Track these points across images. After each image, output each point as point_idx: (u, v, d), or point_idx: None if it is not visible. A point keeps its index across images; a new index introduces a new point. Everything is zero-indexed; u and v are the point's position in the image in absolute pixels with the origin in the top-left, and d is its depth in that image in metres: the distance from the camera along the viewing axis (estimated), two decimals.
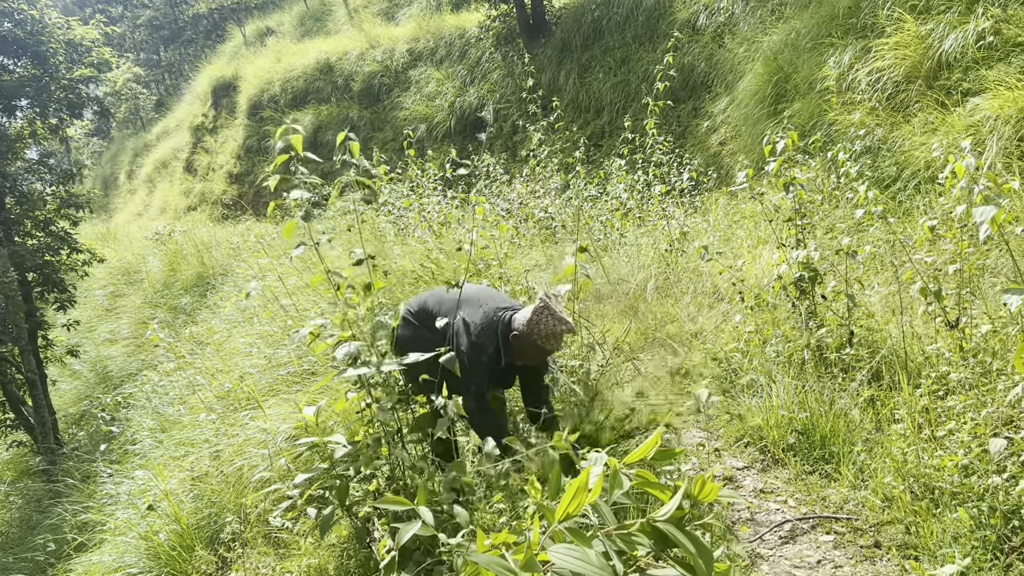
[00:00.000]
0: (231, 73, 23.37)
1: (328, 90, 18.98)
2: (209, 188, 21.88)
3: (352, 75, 18.70)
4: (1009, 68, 6.50)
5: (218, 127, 23.24)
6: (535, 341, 3.61)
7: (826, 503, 3.49)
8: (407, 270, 6.43)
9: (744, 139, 9.73)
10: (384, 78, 18.00)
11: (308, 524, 3.82)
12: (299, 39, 23.76)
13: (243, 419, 5.13)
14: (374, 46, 18.90)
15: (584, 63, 13.94)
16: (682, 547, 1.99)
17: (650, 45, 12.93)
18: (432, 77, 16.71)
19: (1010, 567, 2.67)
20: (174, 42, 35.94)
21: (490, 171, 11.15)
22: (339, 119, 17.84)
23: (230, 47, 27.33)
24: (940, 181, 4.24)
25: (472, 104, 15.32)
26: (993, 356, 3.62)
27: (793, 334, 4.78)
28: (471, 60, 16.35)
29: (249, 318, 7.59)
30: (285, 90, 20.09)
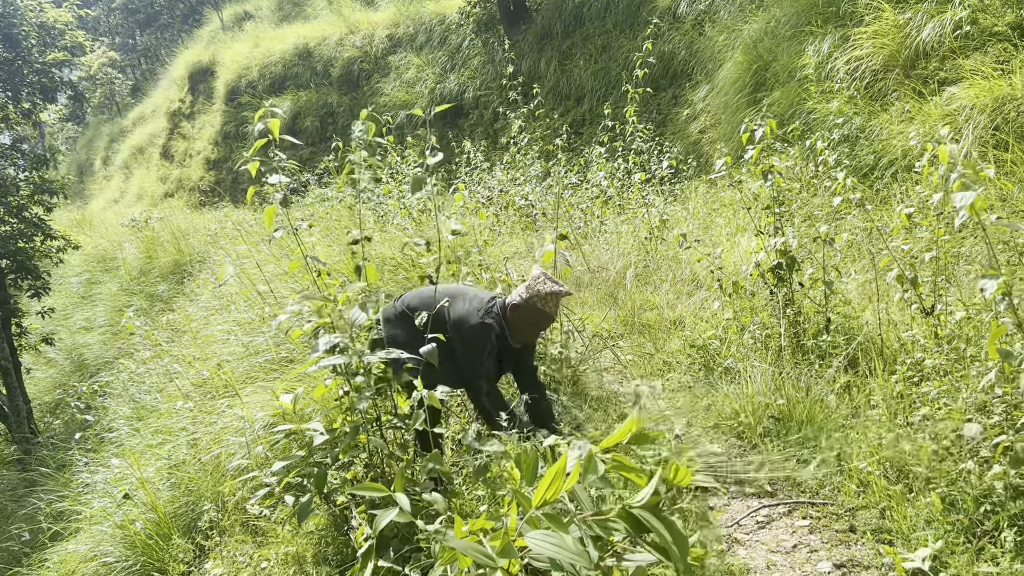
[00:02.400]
0: (208, 58, 23.10)
1: (307, 76, 18.81)
2: (186, 174, 21.65)
3: (331, 61, 18.54)
4: (985, 57, 6.55)
5: (195, 113, 22.98)
6: (535, 304, 3.69)
7: (802, 488, 3.52)
8: (387, 257, 6.39)
9: (724, 127, 9.76)
10: (363, 64, 17.86)
11: (286, 512, 3.80)
12: (277, 24, 23.51)
13: (220, 407, 5.09)
14: (353, 31, 18.75)
15: (565, 50, 13.90)
16: (658, 533, 2.00)
17: (631, 32, 12.91)
18: (412, 63, 16.60)
19: (982, 550, 2.70)
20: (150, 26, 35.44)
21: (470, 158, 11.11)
22: (318, 105, 17.69)
23: (207, 31, 26.99)
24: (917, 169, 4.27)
25: (453, 91, 15.25)
26: (967, 343, 3.65)
27: (771, 321, 4.81)
28: (451, 46, 16.26)
29: (227, 305, 7.53)
30: (263, 75, 19.89)
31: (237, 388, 4.95)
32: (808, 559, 2.99)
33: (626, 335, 5.86)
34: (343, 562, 3.34)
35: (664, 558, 2.03)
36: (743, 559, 3.02)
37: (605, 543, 2.15)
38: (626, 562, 2.17)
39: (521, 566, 2.04)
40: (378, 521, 2.34)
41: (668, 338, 5.54)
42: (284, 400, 3.29)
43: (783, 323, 4.63)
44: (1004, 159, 5.72)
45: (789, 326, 4.64)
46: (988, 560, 2.64)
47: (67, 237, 12.72)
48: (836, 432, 3.71)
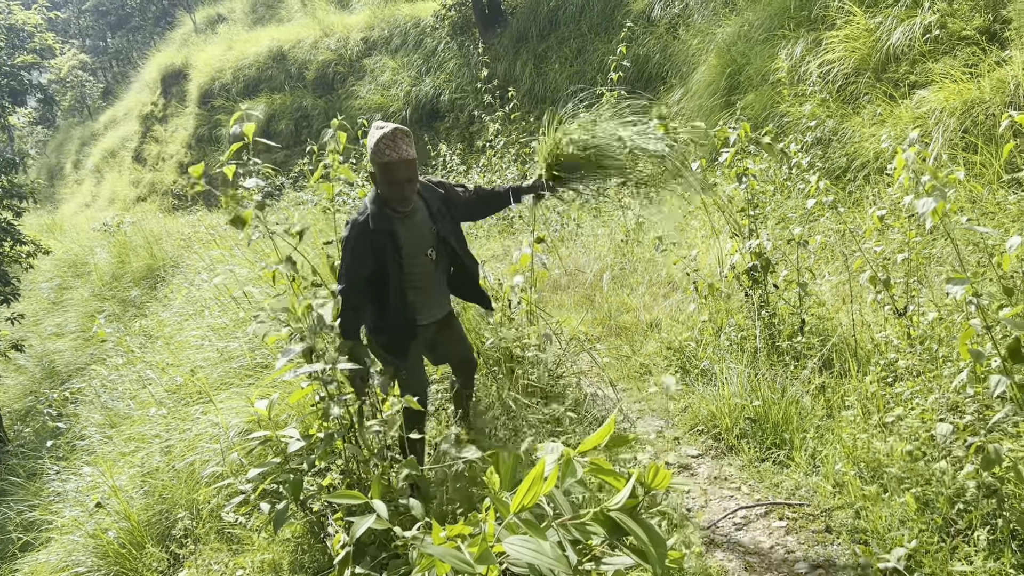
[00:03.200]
0: (181, 61, 22.88)
1: (281, 79, 18.69)
2: (159, 178, 21.43)
3: (306, 63, 18.44)
4: (954, 61, 6.64)
5: (168, 116, 22.76)
6: (377, 161, 3.30)
7: (779, 489, 3.54)
8: None
9: None
10: (338, 67, 17.78)
11: (261, 519, 3.77)
12: (251, 26, 23.34)
13: (194, 413, 5.04)
14: (328, 34, 18.65)
15: (540, 53, 13.92)
16: (635, 535, 2.00)
17: (606, 36, 12.96)
18: (387, 66, 16.55)
19: (956, 549, 2.73)
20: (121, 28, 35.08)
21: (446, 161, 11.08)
22: (293, 108, 17.59)
23: (180, 34, 26.75)
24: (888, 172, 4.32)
25: (428, 94, 15.21)
26: (939, 343, 3.70)
27: (746, 323, 4.84)
28: (427, 49, 16.22)
29: (200, 310, 7.45)
30: (237, 78, 19.73)
31: (211, 394, 4.89)
32: (785, 560, 3.01)
33: (603, 337, 5.87)
34: (320, 570, 3.32)
35: (642, 561, 2.03)
36: (720, 561, 3.03)
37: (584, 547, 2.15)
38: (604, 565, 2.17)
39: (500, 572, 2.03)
40: (355, 528, 2.32)
41: (645, 340, 5.56)
42: (259, 406, 3.26)
43: (758, 325, 4.66)
44: (973, 161, 5.80)
45: (764, 328, 4.67)
46: (962, 559, 2.67)
47: (37, 242, 12.52)
48: (812, 433, 3.74)
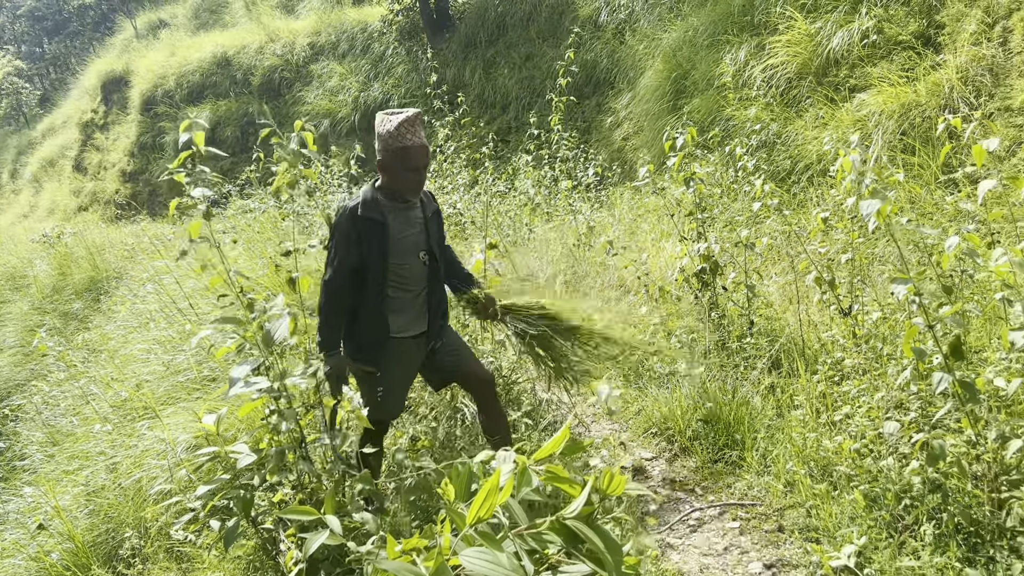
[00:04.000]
0: (122, 67, 22.37)
1: (226, 84, 18.40)
2: (101, 187, 20.90)
3: (251, 69, 18.18)
4: (891, 65, 6.81)
5: (109, 123, 22.23)
6: (392, 146, 3.19)
7: (732, 490, 3.58)
8: (312, 269, 6.28)
9: (646, 134, 9.92)
10: (285, 72, 17.57)
11: (212, 537, 3.68)
12: (194, 32, 22.94)
13: (140, 429, 4.91)
14: (273, 39, 18.42)
15: (489, 58, 13.94)
16: (591, 543, 2.00)
17: (554, 41, 13.03)
18: (335, 71, 16.40)
19: (903, 545, 2.79)
20: (59, 34, 34.17)
21: None
22: (239, 114, 17.32)
23: (120, 40, 26.15)
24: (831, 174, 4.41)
25: (377, 99, 15.11)
26: (884, 342, 3.78)
27: (696, 325, 4.89)
28: (375, 55, 16.12)
29: (145, 323, 7.28)
30: (180, 85, 19.37)
31: (157, 409, 4.78)
32: (739, 561, 3.04)
33: None
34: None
35: (599, 568, 2.03)
36: (676, 563, 3.05)
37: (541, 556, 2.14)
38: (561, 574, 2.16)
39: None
40: (308, 545, 2.28)
41: None
42: (207, 422, 3.19)
43: (708, 327, 4.72)
44: (912, 163, 5.95)
45: (714, 329, 4.73)
46: (909, 554, 2.73)
47: None
48: (763, 433, 3.80)
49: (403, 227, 3.32)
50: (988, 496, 2.71)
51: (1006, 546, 2.55)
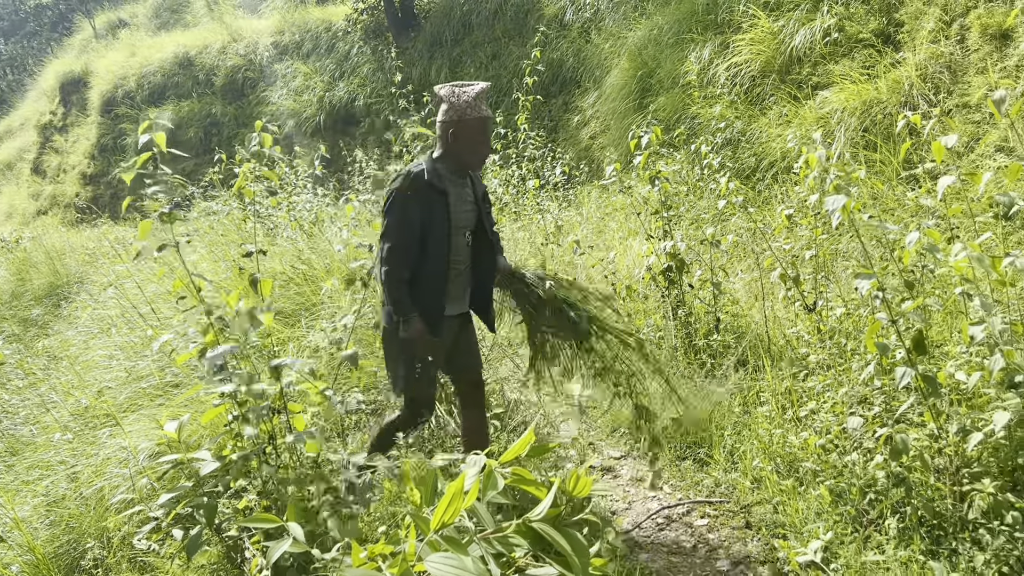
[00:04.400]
0: (81, 68, 21.95)
1: (188, 85, 18.14)
2: (61, 190, 20.50)
3: (214, 69, 17.95)
4: (853, 63, 6.89)
5: (69, 125, 21.80)
6: (469, 115, 3.17)
7: (699, 487, 3.59)
8: (277, 272, 6.20)
9: (613, 133, 9.94)
10: (248, 72, 17.37)
11: (175, 546, 3.62)
12: (155, 32, 22.58)
13: (102, 437, 4.81)
14: (236, 39, 18.20)
15: (455, 58, 13.89)
16: (558, 545, 1.98)
17: (520, 40, 13.02)
18: (299, 71, 16.24)
19: (868, 539, 2.81)
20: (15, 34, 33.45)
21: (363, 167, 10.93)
22: (201, 115, 17.09)
23: (79, 40, 25.66)
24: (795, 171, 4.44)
25: (342, 99, 14.99)
26: (847, 337, 3.82)
27: (663, 323, 4.90)
28: (339, 54, 15.99)
29: (107, 329, 7.14)
30: (141, 85, 19.06)
31: (119, 417, 4.69)
32: (707, 558, 3.05)
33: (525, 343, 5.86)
34: None
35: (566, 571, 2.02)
36: (645, 562, 3.05)
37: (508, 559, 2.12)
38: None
39: None
40: (270, 553, 2.24)
41: None
42: (168, 429, 3.13)
43: (675, 324, 4.73)
44: (873, 159, 6.02)
45: (681, 327, 4.74)
46: (874, 548, 2.75)
47: None
48: (729, 430, 3.81)
49: (459, 202, 3.28)
50: (950, 489, 2.74)
51: (968, 538, 2.58)
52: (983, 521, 2.57)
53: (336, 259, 6.23)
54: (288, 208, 8.01)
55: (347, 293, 4.90)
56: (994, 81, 5.46)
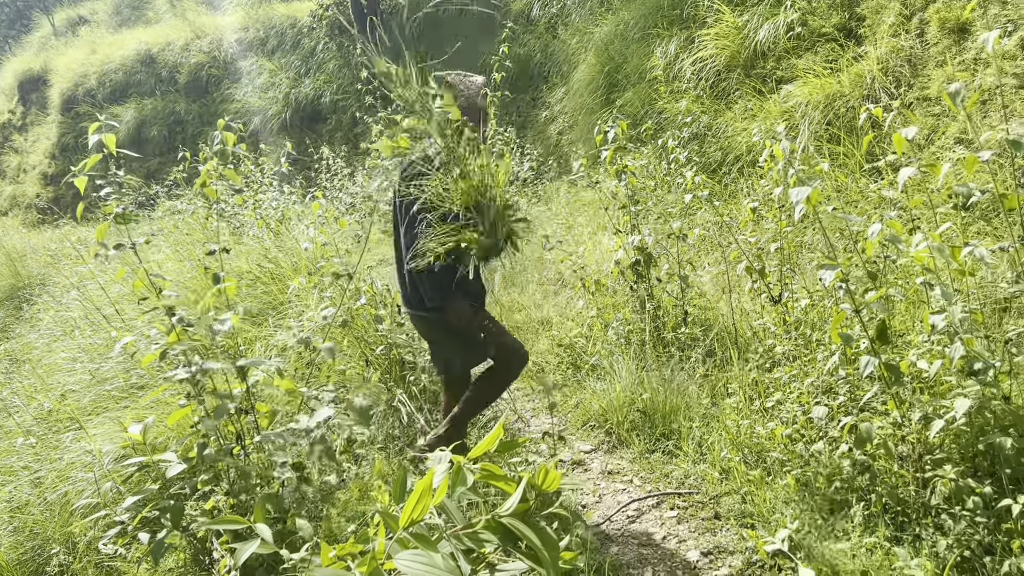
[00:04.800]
0: (40, 66, 21.52)
1: (151, 83, 17.87)
2: (21, 191, 20.10)
3: (177, 66, 17.70)
4: (816, 57, 6.96)
5: (28, 124, 21.37)
6: (477, 91, 3.54)
7: (669, 479, 3.61)
8: (243, 271, 6.13)
9: (581, 128, 9.97)
10: (212, 69, 17.15)
11: (142, 550, 3.57)
12: (116, 28, 22.21)
13: (66, 441, 4.73)
14: (199, 36, 17.96)
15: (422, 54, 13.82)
16: (528, 540, 1.99)
17: (487, 35, 12.99)
18: (264, 68, 16.08)
19: (834, 526, 2.85)
20: None
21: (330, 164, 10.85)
22: (165, 113, 16.85)
23: (37, 37, 25.16)
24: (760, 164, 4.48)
25: (308, 95, 14.87)
26: (812, 328, 3.86)
27: (632, 317, 4.93)
28: (305, 50, 15.85)
29: (70, 331, 7.03)
30: (103, 83, 18.74)
31: (82, 420, 4.61)
32: (677, 549, 3.07)
33: None
34: None
35: (536, 565, 2.02)
36: (615, 555, 3.06)
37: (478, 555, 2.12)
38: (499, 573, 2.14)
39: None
40: (238, 554, 2.21)
41: (537, 338, 5.59)
42: (133, 431, 3.09)
43: (644, 318, 4.75)
44: (837, 152, 6.10)
45: (650, 320, 4.77)
46: (840, 535, 2.79)
47: None
48: (698, 422, 3.84)
49: None
50: (913, 476, 2.79)
51: (931, 524, 2.63)
52: (945, 506, 2.62)
53: (303, 258, 6.17)
54: (254, 206, 7.92)
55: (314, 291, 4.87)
56: (952, 74, 5.55)
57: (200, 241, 7.32)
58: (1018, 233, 2.90)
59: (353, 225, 8.41)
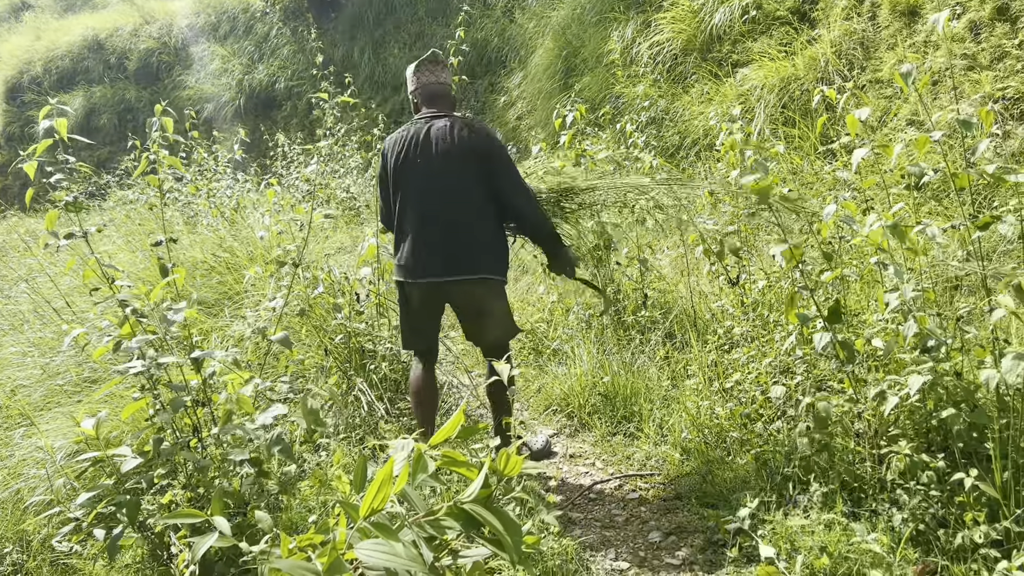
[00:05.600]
0: None
1: (99, 70, 17.43)
2: None
3: (126, 53, 17.28)
4: (771, 40, 7.02)
5: None
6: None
7: (631, 461, 3.64)
8: (198, 260, 6.02)
9: (539, 113, 9.94)
10: (163, 55, 16.78)
11: (98, 546, 3.50)
12: (61, 14, 21.60)
13: (16, 438, 4.62)
14: (149, 21, 17.55)
15: (378, 39, 13.67)
16: (490, 525, 1.98)
17: (443, 20, 12.88)
18: (217, 54, 15.77)
19: (795, 503, 2.89)
20: None
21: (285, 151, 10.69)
22: (114, 101, 16.45)
23: None
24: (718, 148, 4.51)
25: (262, 82, 14.62)
26: (770, 309, 3.90)
27: (593, 301, 4.94)
28: (258, 35, 15.58)
29: (19, 325, 6.84)
30: (49, 71, 18.23)
31: (33, 416, 4.50)
32: (639, 530, 3.09)
33: (456, 325, 5.84)
34: None
35: (499, 550, 2.01)
36: (578, 538, 3.07)
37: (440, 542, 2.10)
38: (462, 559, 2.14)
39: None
40: (196, 548, 2.17)
41: None
42: (86, 426, 3.01)
43: (604, 302, 4.77)
44: (792, 135, 6.16)
45: (610, 304, 4.78)
46: (800, 512, 2.83)
47: None
48: (659, 404, 3.86)
49: None
50: (869, 452, 2.84)
51: (887, 499, 2.67)
52: (900, 482, 2.67)
53: (259, 246, 6.08)
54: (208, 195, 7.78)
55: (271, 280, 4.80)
56: (903, 56, 5.63)
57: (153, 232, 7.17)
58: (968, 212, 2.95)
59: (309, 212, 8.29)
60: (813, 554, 2.57)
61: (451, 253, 3.37)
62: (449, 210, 3.38)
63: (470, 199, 3.39)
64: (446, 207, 3.38)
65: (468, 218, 3.38)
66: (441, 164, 3.37)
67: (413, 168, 3.41)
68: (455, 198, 3.38)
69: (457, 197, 3.38)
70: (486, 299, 3.48)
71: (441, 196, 3.38)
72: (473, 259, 3.39)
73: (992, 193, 4.56)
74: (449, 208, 3.38)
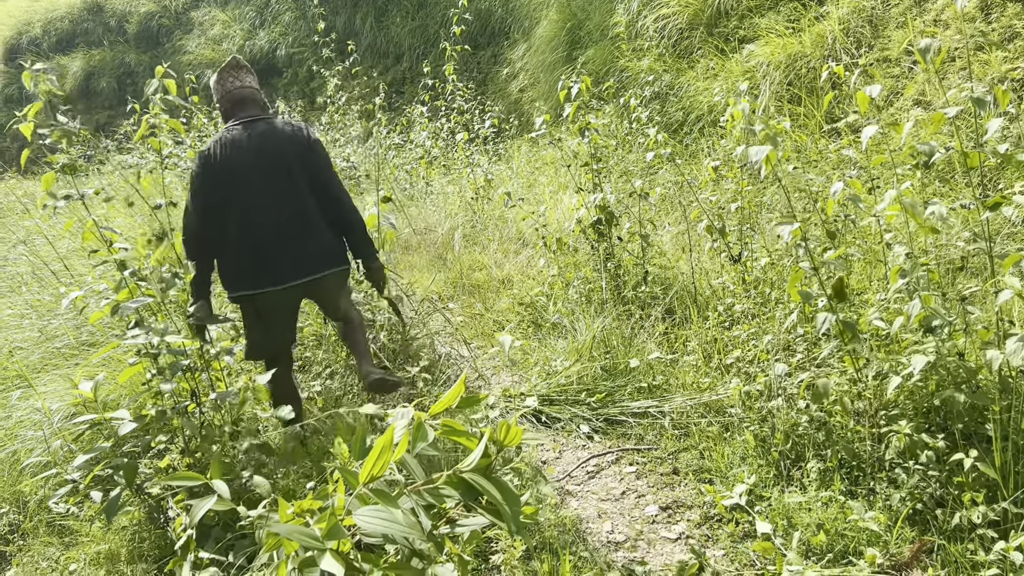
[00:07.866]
0: None
1: (99, 32, 17.25)
2: None
3: (127, 15, 17.09)
4: (778, 16, 6.94)
5: None
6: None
7: (629, 436, 3.64)
8: None
9: (542, 86, 9.86)
10: (163, 19, 16.60)
11: (95, 508, 3.50)
12: None
13: (13, 399, 4.62)
14: None
15: (381, 6, 13.52)
16: (489, 495, 1.97)
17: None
18: (217, 19, 15.60)
19: (792, 480, 2.90)
20: None
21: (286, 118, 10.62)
22: (114, 64, 16.30)
23: None
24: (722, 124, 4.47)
25: (263, 48, 14.48)
26: (771, 287, 3.89)
27: (593, 275, 4.92)
28: (260, 1, 15.40)
29: (17, 287, 6.82)
30: (48, 32, 18.04)
31: (31, 378, 4.50)
32: (636, 504, 3.09)
33: (456, 296, 5.83)
34: (162, 556, 3.12)
35: (497, 520, 2.01)
36: (575, 510, 3.08)
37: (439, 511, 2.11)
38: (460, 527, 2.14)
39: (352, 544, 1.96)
40: (194, 512, 2.17)
41: (497, 297, 5.56)
42: (83, 388, 3.01)
43: (605, 277, 4.75)
44: (798, 112, 6.11)
45: (611, 279, 4.77)
46: (797, 490, 2.83)
47: None
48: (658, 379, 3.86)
49: None
50: (869, 431, 2.84)
51: (885, 478, 2.68)
52: (899, 461, 2.67)
53: None
54: None
55: None
56: (913, 36, 5.58)
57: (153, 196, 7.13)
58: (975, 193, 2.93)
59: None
60: (810, 531, 2.58)
61: (307, 252, 3.41)
62: (289, 211, 3.40)
63: (305, 196, 3.43)
64: (286, 208, 3.40)
65: (310, 215, 3.43)
66: (271, 165, 3.37)
67: (243, 174, 3.35)
68: (292, 198, 3.40)
69: (294, 196, 3.40)
70: (344, 284, 3.65)
71: (277, 198, 3.38)
72: (331, 253, 3.51)
73: (998, 176, 4.53)
74: (289, 209, 3.40)
